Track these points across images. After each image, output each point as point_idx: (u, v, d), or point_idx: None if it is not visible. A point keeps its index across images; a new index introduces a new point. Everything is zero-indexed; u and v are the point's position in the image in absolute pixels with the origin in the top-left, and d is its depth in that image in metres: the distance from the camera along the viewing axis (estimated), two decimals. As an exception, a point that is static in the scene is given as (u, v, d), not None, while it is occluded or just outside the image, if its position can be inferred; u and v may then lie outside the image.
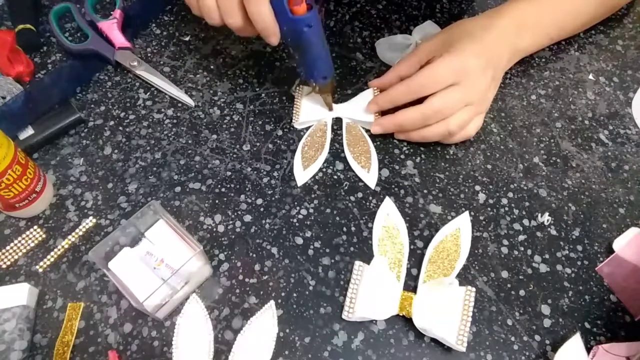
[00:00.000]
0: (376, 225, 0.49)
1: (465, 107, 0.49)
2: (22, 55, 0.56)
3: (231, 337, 0.43)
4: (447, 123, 0.49)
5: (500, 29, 0.51)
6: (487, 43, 0.50)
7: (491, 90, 0.52)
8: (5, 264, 0.46)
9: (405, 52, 0.59)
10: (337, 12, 0.64)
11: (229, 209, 0.50)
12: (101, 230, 0.48)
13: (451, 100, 0.49)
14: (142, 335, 0.43)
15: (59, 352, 0.42)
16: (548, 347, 0.44)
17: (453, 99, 0.49)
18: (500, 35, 0.51)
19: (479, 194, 0.52)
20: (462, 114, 0.50)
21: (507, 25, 0.52)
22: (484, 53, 0.50)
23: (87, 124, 0.54)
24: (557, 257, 0.49)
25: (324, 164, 0.53)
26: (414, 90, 0.50)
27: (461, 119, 0.50)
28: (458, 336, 0.43)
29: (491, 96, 0.53)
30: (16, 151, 0.43)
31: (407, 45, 0.59)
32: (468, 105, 0.49)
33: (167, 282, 0.41)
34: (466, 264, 0.47)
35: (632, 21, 0.65)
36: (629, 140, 0.56)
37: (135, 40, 0.60)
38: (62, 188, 0.50)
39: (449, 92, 0.49)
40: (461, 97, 0.49)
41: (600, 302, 0.47)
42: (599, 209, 0.51)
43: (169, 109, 0.56)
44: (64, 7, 0.60)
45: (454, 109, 0.49)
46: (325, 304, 0.45)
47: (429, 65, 0.49)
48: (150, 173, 0.52)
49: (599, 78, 0.60)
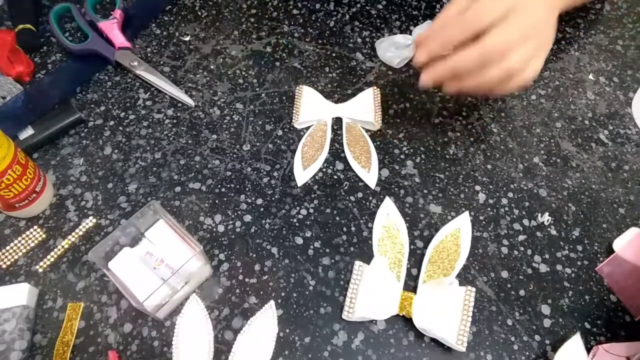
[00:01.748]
0: (376, 225, 0.49)
1: (526, 41, 0.44)
2: (22, 55, 0.56)
3: (231, 337, 0.43)
4: (509, 60, 0.43)
5: None
6: None
7: (550, 24, 0.47)
8: (5, 264, 0.46)
9: (405, 52, 0.59)
10: (337, 12, 0.64)
11: (229, 209, 0.50)
12: (101, 230, 0.48)
13: (511, 33, 0.43)
14: (142, 335, 0.43)
15: (59, 352, 0.42)
16: (548, 347, 0.44)
17: (512, 32, 0.43)
18: None
19: (479, 194, 0.52)
20: (524, 49, 0.44)
21: None
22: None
23: (87, 124, 0.54)
24: (557, 257, 0.49)
25: (324, 164, 0.53)
26: (470, 23, 0.44)
27: (525, 53, 0.44)
28: (458, 336, 0.43)
29: (552, 32, 0.47)
30: (16, 151, 0.43)
31: (407, 45, 0.59)
32: (529, 40, 0.44)
33: (167, 282, 0.41)
34: (466, 264, 0.47)
35: (632, 21, 0.66)
36: (629, 140, 0.56)
37: (135, 40, 0.60)
38: (62, 188, 0.50)
39: (507, 25, 0.43)
40: (521, 28, 0.44)
41: (600, 302, 0.47)
42: (599, 209, 0.51)
43: (169, 109, 0.56)
44: (64, 7, 0.60)
45: (514, 43, 0.44)
46: (325, 304, 0.45)
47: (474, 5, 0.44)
48: (150, 173, 0.52)
49: (599, 78, 0.60)
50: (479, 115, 0.57)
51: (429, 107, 0.57)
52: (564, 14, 0.65)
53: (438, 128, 0.56)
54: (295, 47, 0.61)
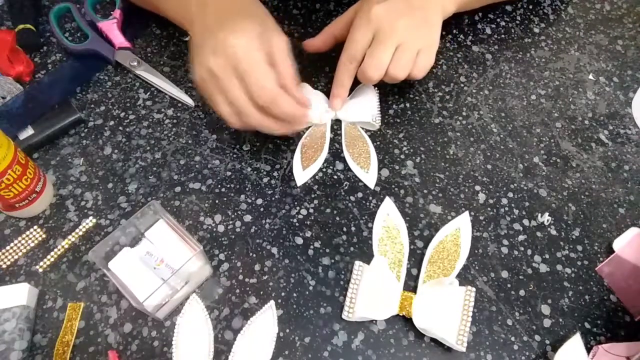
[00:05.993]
0: (376, 225, 0.49)
1: (402, 52, 0.49)
2: (22, 55, 0.56)
3: (231, 337, 0.43)
4: (390, 72, 0.49)
5: None
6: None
7: (431, 27, 0.52)
8: (5, 264, 0.46)
9: None
10: (337, 12, 0.64)
11: (229, 209, 0.50)
12: (101, 230, 0.48)
13: (382, 52, 0.49)
14: (142, 335, 0.43)
15: (59, 352, 0.42)
16: (548, 347, 0.44)
17: (384, 51, 0.49)
18: None
19: (479, 194, 0.52)
20: (404, 58, 0.49)
21: None
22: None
23: (87, 124, 0.54)
24: (557, 257, 0.49)
25: (324, 164, 0.53)
26: (353, 60, 0.51)
27: (404, 61, 0.49)
28: (458, 336, 0.43)
29: (432, 33, 0.52)
30: (16, 151, 0.43)
31: None
32: (405, 50, 0.49)
33: (167, 282, 0.41)
34: (466, 264, 0.47)
35: (632, 21, 0.65)
36: (629, 140, 0.56)
37: (135, 40, 0.60)
38: (62, 188, 0.50)
39: (377, 49, 0.49)
40: (392, 45, 0.49)
41: (600, 302, 0.47)
42: (599, 209, 0.51)
43: (169, 109, 0.56)
44: (64, 7, 0.60)
45: (387, 59, 0.49)
46: (325, 304, 0.45)
47: (349, 35, 0.51)
48: (150, 173, 0.52)
49: (599, 78, 0.60)
50: (479, 115, 0.57)
51: (429, 107, 0.57)
52: (564, 14, 0.65)
53: (438, 128, 0.56)
54: (295, 47, 0.61)
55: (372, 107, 0.55)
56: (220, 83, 0.44)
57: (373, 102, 0.56)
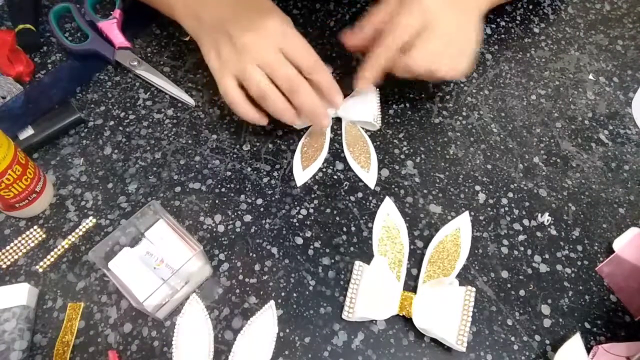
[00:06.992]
0: (376, 225, 0.49)
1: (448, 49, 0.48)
2: (22, 55, 0.56)
3: (231, 337, 0.43)
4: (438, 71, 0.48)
5: None
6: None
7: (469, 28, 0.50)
8: (5, 264, 0.46)
9: None
10: (337, 12, 0.64)
11: (229, 209, 0.50)
12: (101, 230, 0.48)
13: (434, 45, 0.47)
14: (142, 335, 0.43)
15: (59, 352, 0.42)
16: (548, 347, 0.44)
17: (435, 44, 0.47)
18: None
19: (479, 194, 0.52)
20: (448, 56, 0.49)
21: None
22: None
23: (87, 124, 0.54)
24: (557, 257, 0.49)
25: (324, 164, 0.53)
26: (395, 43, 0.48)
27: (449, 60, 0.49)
28: (458, 336, 0.43)
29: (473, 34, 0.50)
30: (16, 151, 0.43)
31: None
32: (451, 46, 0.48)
33: (167, 282, 0.41)
34: (466, 264, 0.47)
35: (632, 21, 0.65)
36: (629, 140, 0.56)
37: (135, 40, 0.60)
38: (62, 188, 0.50)
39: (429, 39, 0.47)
40: (441, 39, 0.48)
41: (600, 302, 0.47)
42: (599, 209, 0.51)
43: (169, 109, 0.56)
44: (64, 7, 0.60)
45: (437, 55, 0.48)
46: (325, 304, 0.45)
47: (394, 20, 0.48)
48: (150, 173, 0.52)
49: (599, 78, 0.60)
50: (479, 115, 0.57)
51: (429, 107, 0.57)
52: (564, 14, 0.65)
53: (438, 128, 0.56)
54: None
55: (373, 106, 0.55)
56: None
57: (374, 102, 0.56)
